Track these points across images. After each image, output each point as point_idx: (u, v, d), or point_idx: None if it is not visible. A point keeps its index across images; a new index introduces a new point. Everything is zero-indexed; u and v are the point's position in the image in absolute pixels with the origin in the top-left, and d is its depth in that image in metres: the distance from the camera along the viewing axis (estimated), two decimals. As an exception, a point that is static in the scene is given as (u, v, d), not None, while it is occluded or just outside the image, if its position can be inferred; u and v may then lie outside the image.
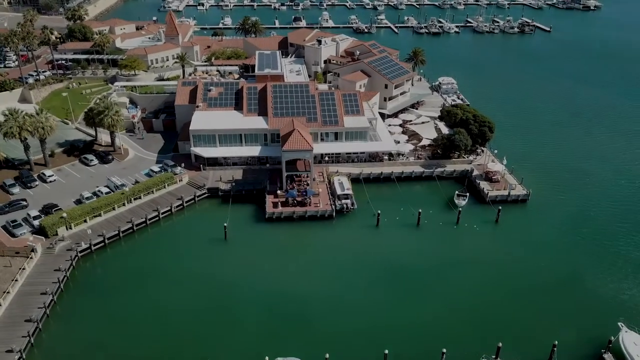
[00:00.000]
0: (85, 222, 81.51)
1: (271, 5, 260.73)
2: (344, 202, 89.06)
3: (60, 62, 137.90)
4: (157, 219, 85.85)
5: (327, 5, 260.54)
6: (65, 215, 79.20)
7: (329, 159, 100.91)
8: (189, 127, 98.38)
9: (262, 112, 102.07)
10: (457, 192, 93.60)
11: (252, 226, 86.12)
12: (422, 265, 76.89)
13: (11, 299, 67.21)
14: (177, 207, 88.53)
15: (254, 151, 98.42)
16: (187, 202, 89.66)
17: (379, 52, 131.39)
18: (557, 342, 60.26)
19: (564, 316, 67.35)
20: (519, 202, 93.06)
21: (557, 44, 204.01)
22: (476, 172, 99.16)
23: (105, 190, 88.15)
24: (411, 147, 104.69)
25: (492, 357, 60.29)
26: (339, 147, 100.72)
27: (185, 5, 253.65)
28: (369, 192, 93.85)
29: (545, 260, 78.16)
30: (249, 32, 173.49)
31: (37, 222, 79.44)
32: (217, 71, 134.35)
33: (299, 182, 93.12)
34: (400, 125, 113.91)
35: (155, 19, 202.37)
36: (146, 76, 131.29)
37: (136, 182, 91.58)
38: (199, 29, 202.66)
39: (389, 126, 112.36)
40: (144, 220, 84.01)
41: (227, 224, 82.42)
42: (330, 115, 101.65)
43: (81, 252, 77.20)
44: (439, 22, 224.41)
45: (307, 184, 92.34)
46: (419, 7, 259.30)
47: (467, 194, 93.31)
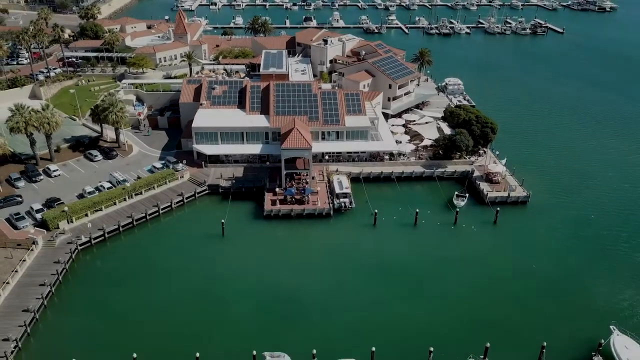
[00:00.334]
0: (86, 216, 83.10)
1: (283, 5, 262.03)
2: (342, 200, 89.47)
3: (70, 59, 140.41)
4: (157, 214, 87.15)
5: (339, 5, 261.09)
6: (66, 209, 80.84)
7: (329, 158, 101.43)
8: (192, 125, 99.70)
9: (265, 110, 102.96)
10: (456, 192, 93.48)
11: (250, 223, 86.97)
12: (417, 264, 77.06)
13: (10, 289, 68.90)
14: (177, 203, 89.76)
15: (255, 149, 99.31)
16: (187, 198, 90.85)
17: (385, 52, 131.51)
18: (545, 344, 60.17)
19: (555, 318, 66.97)
20: (518, 203, 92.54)
21: (569, 46, 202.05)
22: (477, 173, 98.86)
23: (107, 185, 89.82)
24: (412, 147, 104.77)
25: (480, 357, 60.27)
26: (339, 146, 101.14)
27: (198, 4, 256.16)
28: (368, 192, 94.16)
29: (541, 262, 77.78)
30: (258, 32, 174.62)
31: (39, 216, 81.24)
32: (224, 70, 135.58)
33: (298, 181, 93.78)
34: (403, 125, 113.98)
35: (167, 17, 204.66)
36: (154, 74, 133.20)
37: (138, 178, 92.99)
38: (211, 28, 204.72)
39: (392, 126, 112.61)
40: (143, 215, 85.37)
41: (225, 221, 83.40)
42: (331, 114, 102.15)
43: (81, 245, 78.76)
44: (450, 22, 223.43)
45: (306, 182, 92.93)
46: (431, 7, 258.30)
47: (467, 195, 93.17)
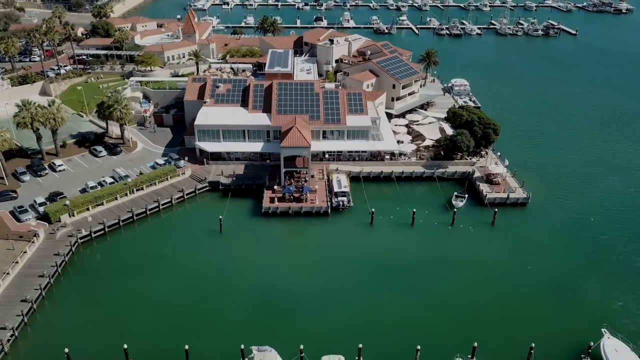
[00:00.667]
0: (87, 210, 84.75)
1: (295, 5, 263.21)
2: (341, 199, 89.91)
3: (81, 57, 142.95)
4: (157, 209, 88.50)
5: (351, 5, 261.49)
6: (68, 203, 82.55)
7: (329, 157, 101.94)
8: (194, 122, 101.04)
9: (267, 109, 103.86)
10: (455, 193, 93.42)
11: (248, 220, 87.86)
12: (411, 263, 77.12)
13: (10, 279, 70.60)
14: (177, 199, 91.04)
15: (256, 147, 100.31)
16: (187, 194, 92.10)
17: (390, 52, 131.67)
18: (534, 345, 59.97)
19: (547, 320, 66.61)
20: (518, 205, 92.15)
21: (581, 48, 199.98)
22: (477, 174, 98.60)
23: (109, 180, 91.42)
24: (414, 147, 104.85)
25: (467, 356, 60.30)
26: (340, 145, 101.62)
27: (211, 4, 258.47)
28: (368, 191, 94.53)
29: (537, 263, 77.38)
30: (267, 31, 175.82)
31: (42, 209, 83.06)
32: (231, 69, 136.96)
33: (298, 179, 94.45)
34: (405, 125, 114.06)
35: (179, 17, 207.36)
36: (162, 72, 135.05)
37: (140, 174, 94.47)
38: (223, 27, 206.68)
39: (395, 126, 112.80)
40: (144, 210, 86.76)
41: (222, 217, 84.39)
42: (333, 113, 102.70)
43: (81, 238, 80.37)
44: (461, 23, 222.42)
45: (305, 181, 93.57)
46: (443, 8, 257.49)
47: (466, 196, 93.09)
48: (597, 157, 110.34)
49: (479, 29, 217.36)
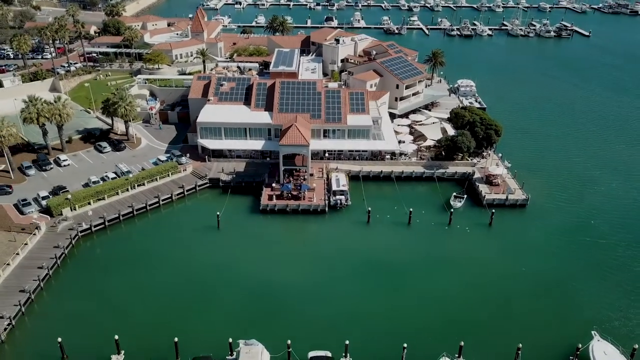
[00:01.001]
0: (89, 204, 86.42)
1: (307, 5, 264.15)
2: (339, 198, 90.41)
3: (91, 54, 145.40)
4: (157, 205, 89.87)
5: (363, 5, 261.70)
6: (69, 197, 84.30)
7: (330, 156, 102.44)
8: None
9: (269, 107, 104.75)
10: (454, 193, 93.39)
11: (246, 217, 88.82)
12: (404, 262, 77.28)
13: (10, 270, 72.38)
14: (177, 195, 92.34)
15: (257, 145, 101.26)
16: (188, 190, 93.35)
17: (396, 52, 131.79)
18: (521, 345, 59.89)
19: (537, 321, 66.33)
20: (517, 206, 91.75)
21: (594, 49, 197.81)
22: (477, 175, 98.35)
23: (112, 175, 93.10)
24: (414, 147, 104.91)
25: (455, 355, 60.41)
26: (340, 144, 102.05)
27: (223, 3, 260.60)
28: (367, 190, 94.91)
29: (532, 265, 77.05)
30: (276, 30, 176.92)
31: (45, 202, 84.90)
32: (238, 67, 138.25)
33: (297, 177, 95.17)
34: (408, 125, 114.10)
35: (190, 16, 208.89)
36: (169, 70, 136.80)
37: (142, 170, 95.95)
38: (235, 26, 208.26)
39: (397, 126, 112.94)
40: (144, 205, 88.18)
41: (220, 213, 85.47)
42: (334, 112, 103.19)
43: (82, 232, 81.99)
44: (472, 24, 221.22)
45: (304, 179, 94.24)
46: (455, 9, 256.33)
47: (464, 196, 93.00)
48: (602, 161, 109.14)
49: (490, 30, 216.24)
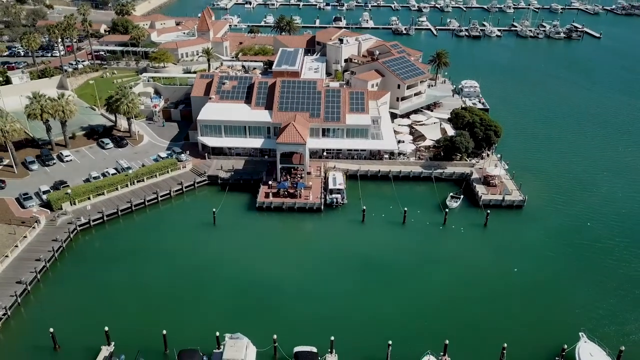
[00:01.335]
0: (89, 199, 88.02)
1: (316, 5, 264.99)
2: (335, 196, 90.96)
3: (98, 53, 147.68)
4: (155, 201, 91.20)
5: (372, 6, 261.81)
6: (69, 191, 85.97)
7: (328, 155, 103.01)
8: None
9: (269, 106, 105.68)
10: (451, 194, 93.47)
11: (242, 214, 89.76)
12: (396, 261, 77.55)
13: (9, 262, 74.08)
14: (176, 191, 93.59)
15: (256, 143, 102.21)
16: (186, 187, 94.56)
17: (399, 52, 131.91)
18: (506, 345, 59.93)
19: (525, 321, 66.28)
20: (513, 207, 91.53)
21: (604, 51, 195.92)
22: (475, 176, 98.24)
23: (112, 171, 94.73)
24: (413, 147, 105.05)
25: (439, 354, 60.66)
26: (338, 143, 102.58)
27: (233, 3, 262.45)
28: (364, 189, 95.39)
29: (524, 266, 76.78)
30: (283, 30, 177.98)
31: (45, 197, 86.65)
32: (242, 66, 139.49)
33: (294, 175, 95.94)
34: (408, 125, 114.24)
35: (200, 15, 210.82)
36: (174, 69, 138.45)
37: (143, 166, 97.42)
38: (245, 26, 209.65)
39: (398, 126, 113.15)
40: (142, 201, 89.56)
41: (216, 210, 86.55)
42: (333, 112, 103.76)
43: (80, 226, 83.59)
44: (482, 25, 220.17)
45: (301, 177, 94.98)
46: (465, 10, 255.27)
47: (461, 197, 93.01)
48: (605, 164, 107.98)
49: (499, 31, 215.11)
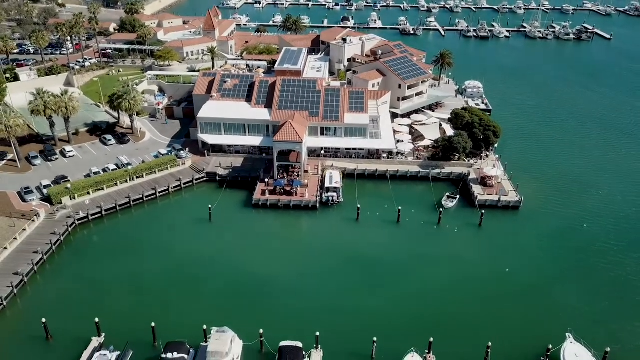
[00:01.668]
0: (88, 194, 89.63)
1: (325, 5, 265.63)
2: (331, 194, 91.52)
3: (105, 51, 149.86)
4: (154, 197, 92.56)
5: (382, 6, 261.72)
6: (69, 186, 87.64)
7: (326, 153, 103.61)
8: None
9: (269, 104, 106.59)
10: (447, 193, 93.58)
11: (238, 211, 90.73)
12: (388, 259, 77.85)
13: (7, 254, 75.82)
14: (174, 187, 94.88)
15: (255, 141, 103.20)
16: (185, 184, 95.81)
17: (402, 52, 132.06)
18: (491, 344, 60.09)
19: (512, 321, 66.28)
20: (510, 208, 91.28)
21: (614, 53, 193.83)
22: (473, 176, 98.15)
23: (112, 167, 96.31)
24: (411, 146, 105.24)
25: (424, 351, 60.96)
26: (336, 142, 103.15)
27: (243, 3, 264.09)
28: (361, 188, 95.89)
29: (516, 267, 76.63)
30: (290, 30, 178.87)
31: (46, 191, 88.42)
32: (247, 65, 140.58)
33: (292, 173, 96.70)
34: (408, 125, 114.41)
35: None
36: (179, 67, 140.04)
37: (143, 162, 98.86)
38: (254, 25, 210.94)
39: (398, 125, 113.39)
40: (140, 196, 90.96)
41: (212, 207, 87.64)
42: (332, 110, 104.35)
43: (79, 220, 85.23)
44: (491, 26, 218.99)
45: (298, 175, 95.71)
46: (475, 10, 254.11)
47: (457, 197, 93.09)
48: (605, 166, 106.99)
49: (508, 31, 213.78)
